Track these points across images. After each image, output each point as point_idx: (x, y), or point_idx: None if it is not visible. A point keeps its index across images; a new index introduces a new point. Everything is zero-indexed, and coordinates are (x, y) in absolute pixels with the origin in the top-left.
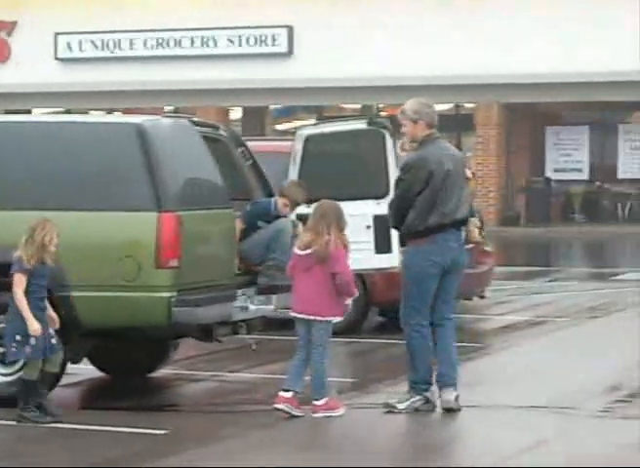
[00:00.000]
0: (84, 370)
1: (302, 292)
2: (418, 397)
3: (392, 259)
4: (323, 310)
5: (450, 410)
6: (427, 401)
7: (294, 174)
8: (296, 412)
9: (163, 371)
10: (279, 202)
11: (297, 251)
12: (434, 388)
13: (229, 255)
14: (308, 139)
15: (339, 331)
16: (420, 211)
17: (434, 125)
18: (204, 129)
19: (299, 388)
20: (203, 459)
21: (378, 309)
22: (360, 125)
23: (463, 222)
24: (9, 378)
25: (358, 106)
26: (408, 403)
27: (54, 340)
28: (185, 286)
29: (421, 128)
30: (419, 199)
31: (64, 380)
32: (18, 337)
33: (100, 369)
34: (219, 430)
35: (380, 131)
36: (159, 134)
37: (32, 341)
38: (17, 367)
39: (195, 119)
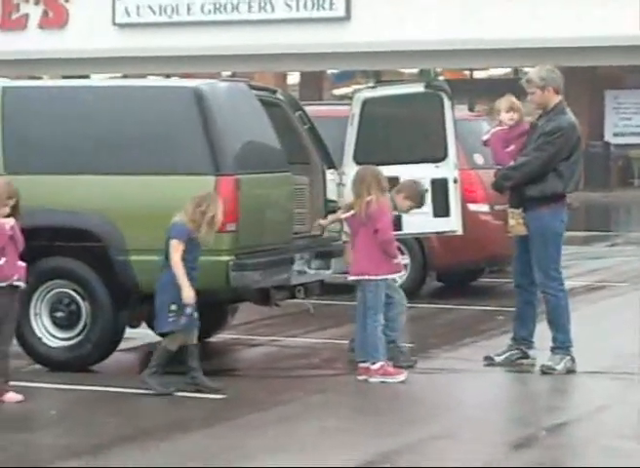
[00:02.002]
0: (142, 335)
1: (354, 254)
2: (568, 356)
3: (450, 223)
4: (370, 270)
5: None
6: (574, 360)
7: (351, 137)
8: (379, 379)
9: (222, 336)
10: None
11: (341, 215)
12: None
13: (287, 219)
14: (366, 103)
15: None
16: (566, 175)
17: (561, 90)
18: (261, 92)
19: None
20: (259, 424)
21: (435, 274)
22: (418, 88)
23: None
24: (67, 343)
25: (416, 70)
26: (562, 365)
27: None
28: (243, 250)
29: (550, 94)
30: (564, 163)
31: (123, 345)
32: (173, 307)
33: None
34: (276, 395)
35: (437, 94)
36: (216, 97)
37: (188, 311)
38: (76, 331)
39: (252, 83)
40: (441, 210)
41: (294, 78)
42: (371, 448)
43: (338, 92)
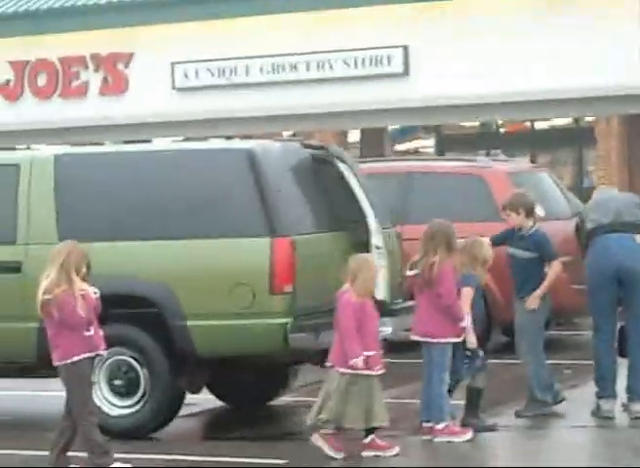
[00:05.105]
0: (203, 401)
1: (417, 313)
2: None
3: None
4: (434, 332)
5: (637, 419)
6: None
7: None
8: (445, 439)
9: (284, 399)
10: None
11: (407, 272)
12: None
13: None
14: None
15: None
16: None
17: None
18: (314, 151)
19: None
20: None
21: (501, 328)
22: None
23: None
24: (127, 411)
25: (477, 123)
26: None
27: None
28: (301, 311)
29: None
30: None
31: (184, 411)
32: (468, 353)
33: (220, 398)
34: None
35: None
36: (270, 158)
37: (481, 353)
38: (135, 399)
39: (305, 141)
40: None
41: (355, 135)
42: None
43: (400, 147)
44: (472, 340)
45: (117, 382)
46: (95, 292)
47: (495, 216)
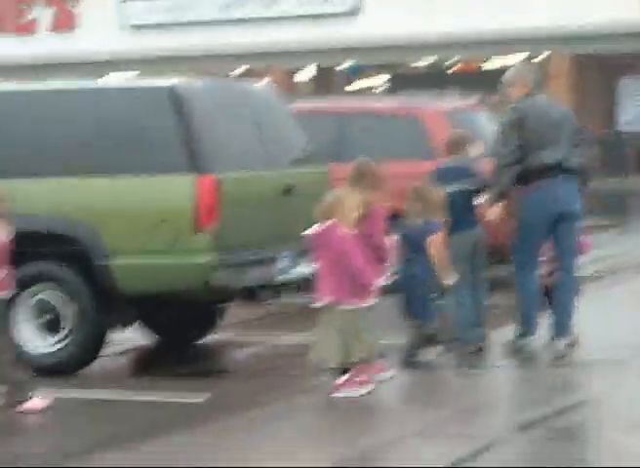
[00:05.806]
0: (132, 339)
1: None
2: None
3: None
4: None
5: (560, 358)
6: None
7: None
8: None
9: (215, 337)
10: None
11: None
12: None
13: (272, 217)
14: None
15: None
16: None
17: (528, 84)
18: (243, 88)
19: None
20: (236, 426)
21: None
22: None
23: (575, 171)
24: (51, 348)
25: (429, 63)
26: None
27: None
28: (225, 249)
29: (518, 89)
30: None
31: (111, 349)
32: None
33: (155, 332)
34: (260, 396)
35: None
36: (194, 95)
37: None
38: (60, 336)
39: (233, 78)
40: None
41: (306, 74)
42: (349, 448)
43: (353, 87)
44: (451, 281)
45: (42, 320)
46: (8, 233)
47: (429, 155)
